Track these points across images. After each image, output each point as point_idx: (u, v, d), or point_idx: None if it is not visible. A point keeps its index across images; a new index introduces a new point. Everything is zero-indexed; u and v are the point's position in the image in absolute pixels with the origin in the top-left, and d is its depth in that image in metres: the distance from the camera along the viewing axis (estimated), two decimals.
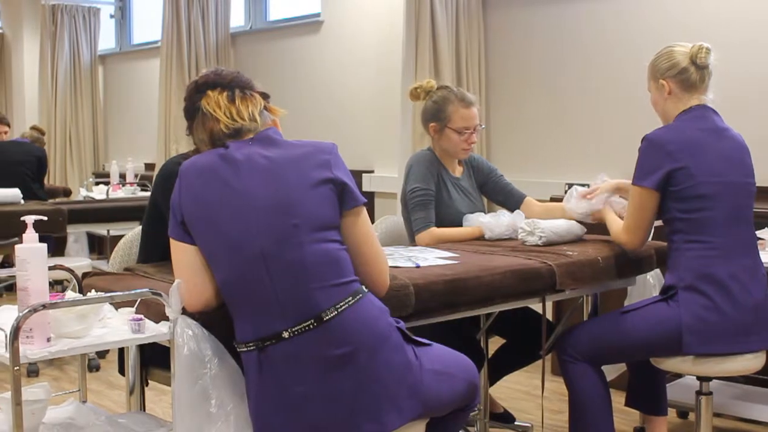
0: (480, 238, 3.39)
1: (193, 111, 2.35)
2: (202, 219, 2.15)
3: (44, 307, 1.99)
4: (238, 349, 2.14)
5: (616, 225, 3.13)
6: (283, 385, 2.07)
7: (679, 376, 3.85)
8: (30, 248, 2.07)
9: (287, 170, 2.16)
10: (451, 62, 5.59)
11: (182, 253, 2.18)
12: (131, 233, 3.14)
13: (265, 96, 2.38)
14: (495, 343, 3.67)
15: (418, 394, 2.17)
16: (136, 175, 7.77)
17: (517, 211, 3.50)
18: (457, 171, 3.63)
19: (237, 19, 8.17)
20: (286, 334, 2.07)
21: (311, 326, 2.08)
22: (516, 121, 5.63)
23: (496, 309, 2.93)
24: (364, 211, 2.27)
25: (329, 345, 2.08)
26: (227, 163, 2.18)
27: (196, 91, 2.35)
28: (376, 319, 2.16)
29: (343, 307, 2.11)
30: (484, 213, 3.55)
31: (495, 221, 3.39)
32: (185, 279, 2.15)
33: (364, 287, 2.18)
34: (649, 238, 3.08)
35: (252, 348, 2.10)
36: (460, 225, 3.48)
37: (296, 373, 2.07)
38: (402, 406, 2.14)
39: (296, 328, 2.07)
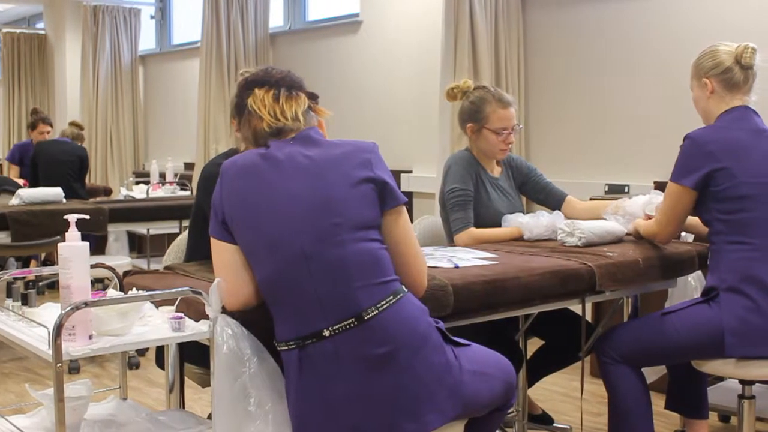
0: (519, 238, 3.38)
1: (241, 108, 2.34)
2: (243, 218, 2.15)
3: (86, 304, 2.01)
4: (278, 348, 2.14)
5: (644, 222, 3.15)
6: (324, 384, 2.07)
7: (720, 379, 3.80)
8: (73, 246, 2.09)
9: (328, 169, 2.17)
10: (490, 62, 5.56)
11: (222, 252, 2.19)
12: (185, 234, 3.17)
13: (312, 96, 2.37)
14: (534, 345, 3.65)
15: (458, 395, 2.17)
16: (175, 175, 7.83)
17: (556, 211, 3.48)
18: (496, 171, 3.61)
19: (276, 19, 8.20)
20: (326, 333, 2.07)
21: (352, 325, 2.07)
22: (555, 121, 5.60)
23: (535, 310, 2.92)
24: (405, 210, 2.26)
25: (370, 344, 2.08)
26: (268, 162, 2.18)
27: (245, 88, 2.34)
28: (417, 319, 2.16)
29: (384, 306, 2.10)
30: (523, 213, 3.53)
31: (534, 222, 3.37)
32: (225, 278, 2.16)
33: (404, 287, 2.18)
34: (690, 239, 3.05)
35: (293, 347, 2.10)
36: (499, 225, 3.46)
37: (337, 373, 2.07)
38: (442, 407, 2.13)
39: (337, 327, 2.07)
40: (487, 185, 3.53)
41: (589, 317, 3.39)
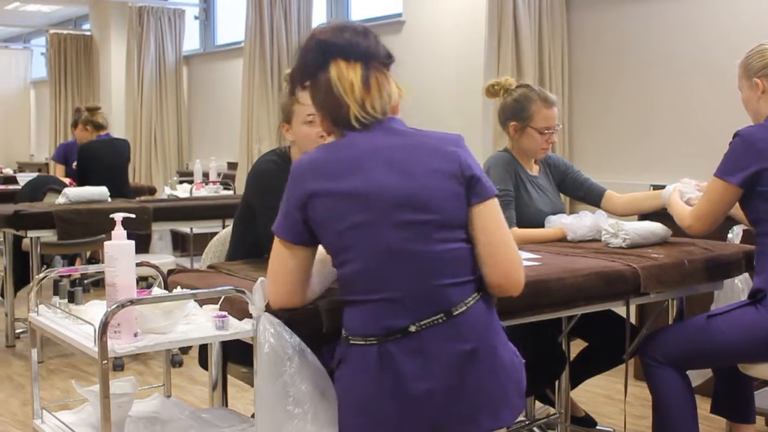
0: (562, 239, 3.35)
1: (311, 72, 2.15)
2: (328, 215, 2.06)
3: (132, 302, 2.02)
4: (352, 342, 2.08)
5: (680, 207, 3.09)
6: (405, 380, 2.03)
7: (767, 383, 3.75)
8: (119, 245, 2.11)
9: (414, 164, 2.07)
10: (534, 62, 5.54)
11: (288, 255, 2.11)
12: (223, 232, 3.19)
13: (389, 59, 2.20)
14: (577, 346, 3.62)
15: (522, 392, 2.18)
16: (218, 174, 7.88)
17: (599, 211, 3.46)
18: (534, 169, 3.60)
19: (319, 19, 8.22)
20: (413, 328, 2.03)
21: (440, 320, 2.04)
22: (599, 121, 5.55)
23: (578, 311, 2.90)
24: (497, 202, 2.14)
25: (457, 340, 2.05)
26: (349, 156, 2.09)
27: (321, 52, 2.12)
28: (493, 317, 2.15)
29: (471, 303, 2.08)
30: (564, 210, 3.51)
31: (577, 222, 3.34)
32: (285, 281, 2.12)
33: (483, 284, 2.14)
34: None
35: (372, 342, 2.05)
36: (541, 224, 3.44)
37: (421, 369, 2.04)
38: (513, 403, 2.15)
39: (424, 322, 2.04)
40: (527, 184, 3.51)
41: (633, 319, 3.36)
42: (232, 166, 8.81)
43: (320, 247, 2.16)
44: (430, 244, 2.05)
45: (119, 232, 2.15)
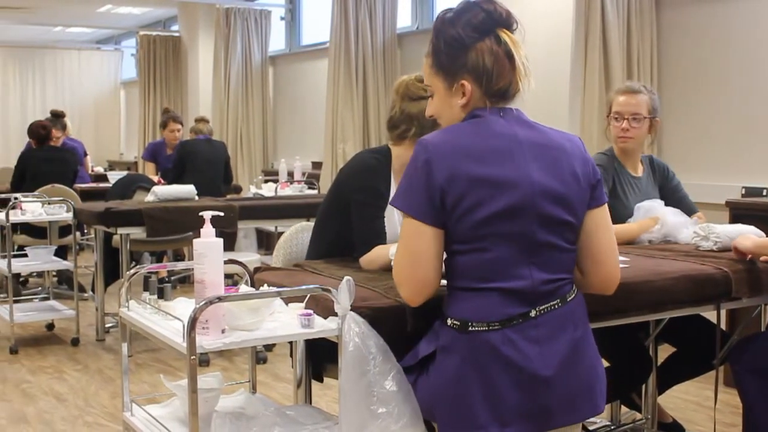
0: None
1: (472, 36, 2.11)
2: (470, 199, 2.04)
3: (220, 299, 2.05)
4: (471, 329, 2.06)
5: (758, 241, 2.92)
6: (525, 365, 2.05)
7: None
8: (208, 242, 2.13)
9: (561, 163, 2.10)
10: (622, 62, 5.46)
11: (422, 237, 2.06)
12: (291, 230, 3.20)
13: None
14: (665, 351, 3.55)
15: (605, 389, 2.22)
16: (303, 174, 7.95)
17: (697, 214, 3.40)
18: (639, 170, 3.55)
19: (404, 19, 8.23)
20: (533, 313, 2.07)
21: (557, 306, 2.10)
22: (690, 121, 5.44)
23: (666, 315, 2.84)
24: (607, 208, 2.23)
25: (570, 325, 2.11)
26: (496, 143, 2.08)
27: (489, 17, 2.11)
28: (585, 310, 2.22)
29: (575, 293, 2.16)
30: None
31: (671, 211, 3.30)
32: (418, 265, 2.07)
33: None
34: None
35: (496, 327, 2.05)
36: None
37: (540, 354, 2.06)
38: (603, 395, 2.19)
39: (543, 307, 2.08)
40: (626, 185, 3.46)
41: (723, 325, 3.27)
42: (317, 165, 8.88)
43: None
44: (563, 243, 2.11)
45: (208, 230, 2.17)
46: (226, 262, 2.24)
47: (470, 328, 2.07)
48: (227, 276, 4.96)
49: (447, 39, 2.14)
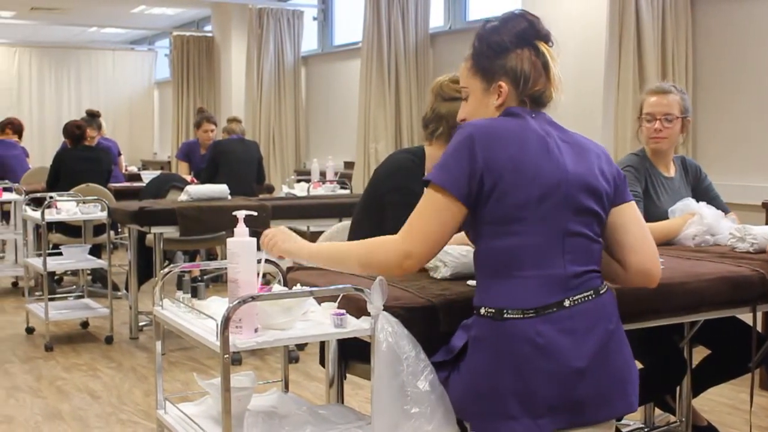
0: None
1: (513, 42, 2.21)
2: (510, 182, 2.08)
3: (253, 298, 2.06)
4: (506, 316, 2.07)
5: None
6: (559, 356, 2.06)
7: None
8: (241, 242, 2.14)
9: (590, 160, 2.18)
10: (657, 61, 5.41)
11: (447, 207, 2.09)
12: (332, 229, 3.22)
13: None
14: (699, 353, 3.52)
15: (637, 388, 2.21)
16: (335, 174, 7.96)
17: (730, 214, 3.37)
18: (671, 170, 3.52)
19: (436, 19, 8.22)
20: (567, 303, 2.09)
21: (590, 297, 2.12)
22: (725, 121, 5.39)
23: (701, 317, 2.81)
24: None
25: (603, 318, 2.13)
26: (533, 132, 2.15)
27: (531, 28, 2.22)
28: (616, 305, 2.23)
29: (607, 287, 2.20)
30: None
31: (707, 208, 3.27)
32: (430, 225, 2.09)
33: None
34: None
35: (531, 315, 2.07)
36: None
37: (574, 345, 2.08)
38: (636, 392, 2.19)
39: (577, 298, 2.10)
40: (658, 186, 3.44)
41: (759, 327, 3.23)
42: (349, 165, 8.89)
43: None
44: (591, 234, 2.15)
45: (241, 230, 2.18)
46: (259, 261, 2.25)
47: (505, 315, 2.08)
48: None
49: (489, 43, 2.23)
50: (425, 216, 2.12)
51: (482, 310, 2.12)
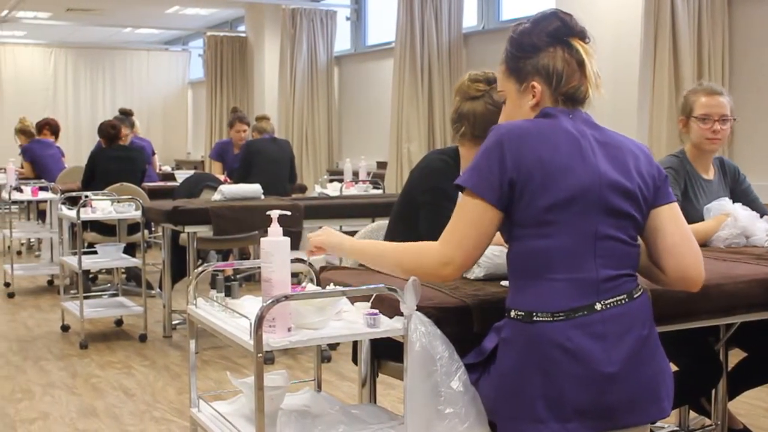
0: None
1: (546, 40, 2.19)
2: (541, 183, 2.07)
3: (287, 298, 2.06)
4: (535, 319, 2.06)
5: None
6: (589, 361, 2.04)
7: None
8: (275, 241, 2.15)
9: (628, 160, 2.15)
10: (692, 58, 5.37)
11: (481, 211, 2.08)
12: (366, 229, 3.22)
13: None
14: (735, 356, 3.48)
15: (671, 393, 2.19)
16: (368, 173, 7.97)
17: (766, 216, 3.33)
18: (710, 172, 3.48)
19: (470, 19, 8.20)
20: (598, 306, 2.07)
21: (623, 301, 2.10)
22: (763, 122, 5.33)
23: (738, 320, 2.77)
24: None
25: (636, 323, 2.10)
26: (565, 133, 2.12)
27: (564, 26, 2.20)
28: (651, 310, 2.20)
29: (642, 291, 2.17)
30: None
31: (742, 209, 3.24)
32: (465, 232, 2.08)
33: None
34: None
35: (561, 318, 2.05)
36: None
37: (604, 350, 2.05)
38: (669, 398, 2.16)
39: (609, 302, 2.08)
40: (697, 189, 3.40)
41: None
42: (382, 165, 8.90)
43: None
44: (626, 237, 2.13)
45: (275, 229, 2.19)
46: (292, 261, 2.25)
47: (534, 318, 2.07)
48: (292, 275, 5.01)
49: (521, 44, 2.23)
50: (462, 222, 2.11)
51: (512, 313, 2.11)
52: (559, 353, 2.04)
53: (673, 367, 2.28)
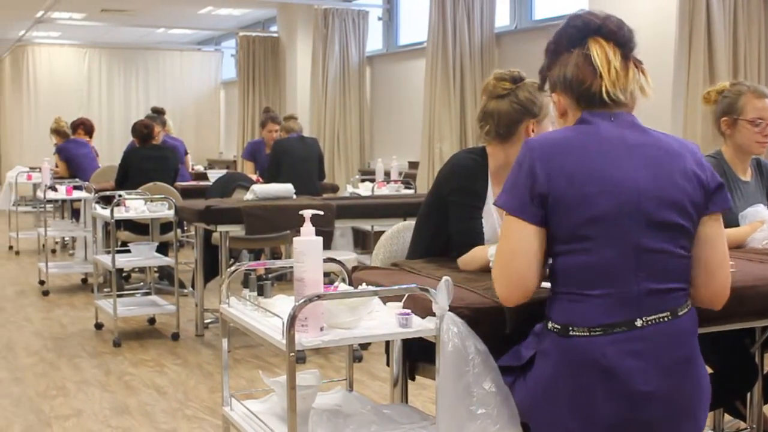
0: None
1: (564, 46, 2.18)
2: (573, 198, 2.03)
3: (319, 297, 2.06)
4: (571, 333, 2.03)
5: None
6: (626, 379, 2.01)
7: None
8: (308, 241, 2.15)
9: (672, 166, 2.07)
10: (728, 59, 5.32)
11: (521, 234, 2.06)
12: (393, 229, 3.21)
13: (639, 61, 2.21)
14: None
15: (708, 405, 2.16)
16: (400, 173, 7.96)
17: None
18: (747, 174, 3.44)
19: (502, 19, 8.18)
20: (639, 323, 2.02)
21: (666, 319, 2.04)
22: None
23: None
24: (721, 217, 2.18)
25: (677, 342, 2.06)
26: (597, 141, 2.07)
27: (580, 29, 2.16)
28: (697, 326, 2.14)
29: (689, 308, 2.10)
30: None
31: None
32: (515, 263, 2.06)
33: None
34: None
35: (598, 333, 2.02)
36: None
37: (643, 369, 2.01)
38: (705, 413, 2.14)
39: (651, 318, 2.03)
40: (734, 189, 3.36)
41: None
42: (413, 165, 8.89)
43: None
44: (676, 249, 2.05)
45: (308, 229, 2.19)
46: (324, 261, 2.25)
47: (571, 333, 2.04)
48: (325, 274, 5.02)
49: (547, 59, 2.24)
50: (511, 246, 2.08)
51: (549, 324, 2.09)
52: (593, 369, 2.01)
53: (708, 370, 2.26)
